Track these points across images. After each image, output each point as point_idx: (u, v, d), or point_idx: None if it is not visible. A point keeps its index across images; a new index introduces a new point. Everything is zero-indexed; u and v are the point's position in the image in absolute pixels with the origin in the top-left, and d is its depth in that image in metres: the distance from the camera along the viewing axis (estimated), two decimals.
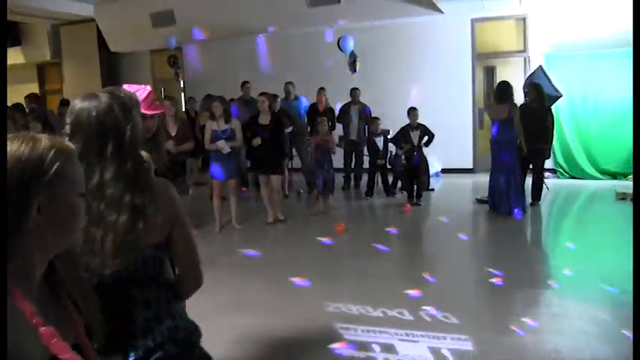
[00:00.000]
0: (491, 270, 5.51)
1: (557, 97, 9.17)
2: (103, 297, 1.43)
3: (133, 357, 1.71)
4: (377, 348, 3.70)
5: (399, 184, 9.75)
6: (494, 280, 5.17)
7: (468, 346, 3.83)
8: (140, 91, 2.86)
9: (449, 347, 3.77)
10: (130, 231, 1.67)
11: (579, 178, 10.42)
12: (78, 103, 1.74)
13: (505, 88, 7.81)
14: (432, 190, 9.94)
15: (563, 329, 3.98)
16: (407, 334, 3.98)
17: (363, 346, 3.72)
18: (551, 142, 8.47)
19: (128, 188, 1.69)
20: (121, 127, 1.72)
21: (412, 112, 8.97)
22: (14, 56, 15.03)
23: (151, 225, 1.71)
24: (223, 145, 7.22)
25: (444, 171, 11.46)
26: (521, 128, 7.62)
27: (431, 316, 4.31)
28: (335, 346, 3.81)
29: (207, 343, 2.15)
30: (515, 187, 7.75)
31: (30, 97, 10.70)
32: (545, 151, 8.28)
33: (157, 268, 1.79)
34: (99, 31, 13.72)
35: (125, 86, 2.43)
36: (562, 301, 4.60)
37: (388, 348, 3.72)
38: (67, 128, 1.73)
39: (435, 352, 3.72)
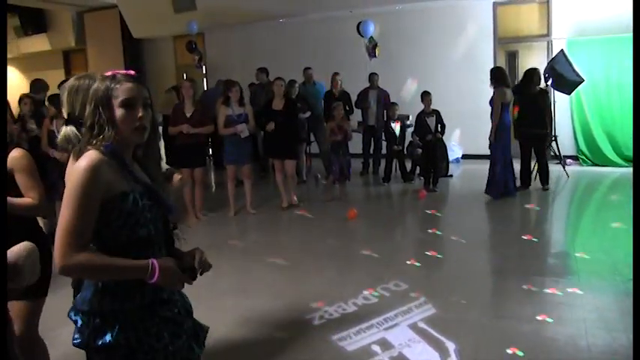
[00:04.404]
0: (494, 257, 5.48)
1: (579, 82, 9.00)
2: None
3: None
4: (377, 349, 3.62)
5: (417, 170, 9.69)
6: (496, 267, 5.14)
7: (430, 310, 4.13)
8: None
9: (420, 317, 4.01)
10: None
11: (603, 166, 10.18)
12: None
13: (503, 72, 8.04)
14: (451, 176, 9.84)
15: (562, 317, 3.93)
16: (385, 320, 4.01)
17: (366, 352, 3.60)
18: (551, 128, 8.52)
19: None
20: None
21: (426, 96, 8.83)
22: (40, 43, 15.32)
23: None
24: (243, 129, 7.12)
25: (465, 157, 11.33)
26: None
27: (385, 289, 4.59)
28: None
29: (210, 323, 2.20)
30: (512, 171, 8.06)
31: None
32: (546, 137, 8.33)
33: None
34: (122, 18, 13.84)
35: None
36: (566, 288, 4.54)
37: (384, 344, 3.66)
38: None
39: (415, 327, 3.86)
